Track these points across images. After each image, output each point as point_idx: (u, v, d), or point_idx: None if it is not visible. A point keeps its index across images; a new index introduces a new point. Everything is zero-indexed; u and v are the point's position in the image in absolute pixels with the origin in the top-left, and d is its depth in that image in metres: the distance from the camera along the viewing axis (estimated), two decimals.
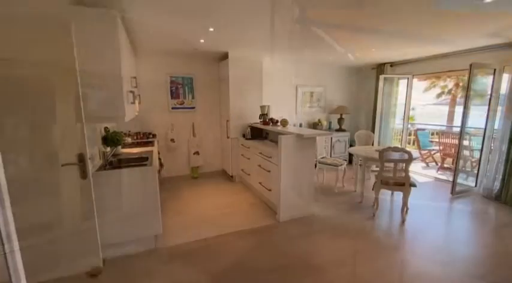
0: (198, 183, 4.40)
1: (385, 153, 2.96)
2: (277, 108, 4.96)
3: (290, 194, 2.94)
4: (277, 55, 4.39)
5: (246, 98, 4.22)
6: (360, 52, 4.14)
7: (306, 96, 5.48)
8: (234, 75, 4.04)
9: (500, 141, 3.57)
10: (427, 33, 3.10)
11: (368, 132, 4.59)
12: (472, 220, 3.09)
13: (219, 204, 3.49)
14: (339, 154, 5.53)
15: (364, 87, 5.89)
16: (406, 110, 5.16)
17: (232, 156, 4.29)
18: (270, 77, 4.89)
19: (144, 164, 2.43)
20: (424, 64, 4.65)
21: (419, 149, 6.25)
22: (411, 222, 2.97)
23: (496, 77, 3.68)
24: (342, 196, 3.76)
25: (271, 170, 3.12)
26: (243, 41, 3.40)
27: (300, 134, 2.78)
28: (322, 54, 4.29)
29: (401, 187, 2.96)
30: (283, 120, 3.54)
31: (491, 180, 3.69)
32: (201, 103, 4.55)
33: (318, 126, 5.38)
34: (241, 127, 4.26)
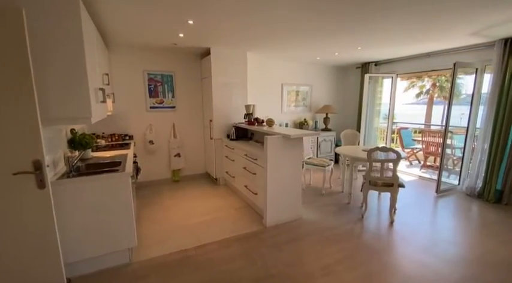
0: (179, 187, 4.15)
1: (373, 153, 2.88)
2: (263, 108, 4.80)
3: (277, 198, 2.79)
4: (262, 52, 4.23)
5: (230, 96, 4.03)
6: (346, 50, 4.06)
7: (292, 95, 5.37)
8: (217, 73, 3.83)
9: (482, 139, 3.62)
10: (412, 32, 3.06)
11: (354, 132, 4.54)
12: (459, 219, 3.08)
13: (202, 209, 3.28)
14: (325, 154, 5.47)
15: (349, 86, 5.87)
16: (390, 108, 5.17)
17: (216, 158, 4.08)
18: (255, 75, 4.72)
19: (115, 170, 2.18)
20: (408, 63, 4.67)
21: (402, 148, 6.34)
22: (399, 222, 2.91)
23: (478, 76, 3.73)
24: (329, 198, 3.67)
25: (257, 173, 2.95)
26: (226, 36, 3.21)
27: (287, 134, 2.64)
28: (308, 52, 4.19)
29: (389, 188, 2.90)
30: (269, 120, 3.39)
31: (474, 179, 3.74)
32: (183, 102, 4.30)
33: (304, 125, 5.28)
34: (225, 127, 4.06)
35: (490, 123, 3.52)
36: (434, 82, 15.87)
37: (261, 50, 4.02)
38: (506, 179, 3.42)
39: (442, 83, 15.47)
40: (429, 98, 16.51)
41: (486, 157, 3.58)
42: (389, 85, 5.18)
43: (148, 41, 3.42)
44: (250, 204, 3.31)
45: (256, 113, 4.14)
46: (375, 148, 2.85)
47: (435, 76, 11.89)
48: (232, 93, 4.04)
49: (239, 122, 4.05)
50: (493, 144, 3.48)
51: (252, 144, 3.50)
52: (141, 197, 3.68)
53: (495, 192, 3.49)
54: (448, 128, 3.70)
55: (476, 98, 3.78)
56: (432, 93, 16.23)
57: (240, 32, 3.05)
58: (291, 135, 2.59)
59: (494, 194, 3.49)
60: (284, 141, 2.72)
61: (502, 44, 3.31)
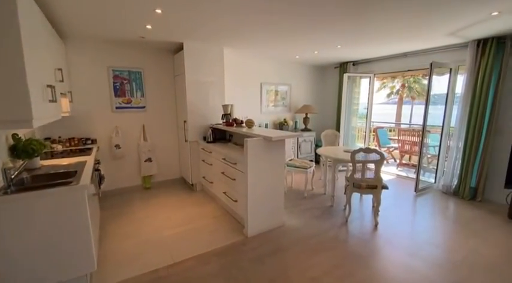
0: (151, 194, 3.79)
1: (356, 155, 2.78)
2: (242, 108, 4.58)
3: (259, 205, 2.58)
4: (240, 49, 4.00)
5: (206, 95, 3.75)
6: (325, 48, 3.96)
7: (271, 94, 5.20)
8: (190, 70, 3.53)
9: (457, 138, 3.70)
10: (391, 31, 3.02)
11: (334, 132, 4.48)
12: (439, 219, 3.08)
13: (177, 219, 2.98)
14: (306, 155, 5.37)
15: (327, 86, 5.84)
16: (369, 108, 5.20)
17: (191, 162, 3.78)
18: (234, 73, 4.48)
19: (68, 182, 1.84)
20: (385, 63, 4.71)
21: (379, 147, 6.45)
22: (384, 225, 2.85)
23: (452, 76, 3.81)
24: (312, 201, 3.54)
25: (237, 178, 2.72)
26: (199, 30, 2.94)
27: (268, 137, 2.44)
28: (287, 49, 4.03)
29: (373, 190, 2.82)
30: (249, 121, 3.17)
31: (449, 177, 3.82)
32: (153, 101, 3.94)
33: (284, 126, 5.14)
34: (201, 129, 3.77)
35: (464, 122, 3.60)
36: (404, 83, 16.71)
37: (238, 46, 3.78)
38: (479, 177, 3.51)
39: (410, 84, 16.33)
40: (399, 98, 17.34)
41: (461, 156, 3.66)
42: (366, 85, 5.21)
43: (111, 33, 3.04)
44: (230, 212, 3.07)
45: (234, 113, 3.91)
46: (358, 150, 2.75)
47: (408, 76, 12.36)
48: (208, 92, 3.76)
49: (216, 123, 3.79)
50: (467, 142, 3.56)
51: (230, 147, 3.26)
52: (107, 208, 3.29)
53: (470, 190, 3.58)
54: (426, 127, 3.74)
55: (450, 98, 3.87)
56: (401, 93, 17.08)
57: (215, 25, 2.80)
58: (273, 137, 2.40)
59: (469, 191, 3.58)
60: (265, 143, 2.52)
61: (475, 45, 3.39)
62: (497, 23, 2.74)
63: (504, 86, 3.25)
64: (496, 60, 3.25)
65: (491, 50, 3.24)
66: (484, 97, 3.36)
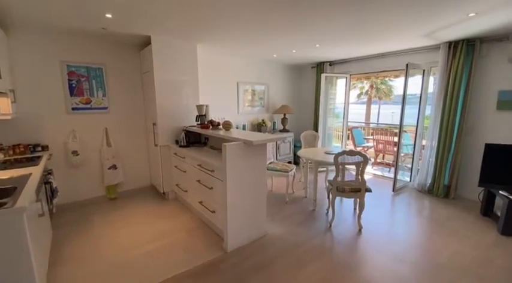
0: (116, 206, 3.38)
1: (339, 158, 2.67)
2: (218, 108, 4.30)
3: (240, 215, 2.36)
4: (214, 46, 3.73)
5: (178, 95, 3.42)
6: (304, 46, 3.84)
7: (248, 94, 4.99)
8: (159, 67, 3.19)
9: (431, 137, 3.79)
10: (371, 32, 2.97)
11: (313, 133, 4.39)
12: (418, 219, 3.10)
13: (146, 235, 2.64)
14: (284, 156, 5.25)
15: (305, 86, 5.78)
16: (345, 108, 5.21)
17: (162, 168, 3.43)
18: (209, 72, 4.19)
19: (1, 204, 1.46)
20: (361, 64, 4.73)
21: (354, 146, 6.56)
22: (367, 229, 2.77)
23: (425, 77, 3.90)
24: (293, 205, 3.39)
25: (215, 187, 2.46)
26: (168, 22, 2.63)
27: (249, 140, 2.22)
28: (264, 48, 3.84)
29: (357, 193, 2.73)
30: (226, 123, 2.92)
31: (424, 175, 3.91)
32: (118, 102, 3.52)
33: (262, 127, 4.96)
34: (173, 131, 3.44)
35: (437, 121, 3.70)
36: (372, 84, 17.52)
37: (213, 42, 3.51)
38: (452, 175, 3.62)
39: (378, 85, 17.18)
40: (368, 98, 18.15)
41: (434, 154, 3.76)
42: (342, 85, 5.22)
43: (63, 21, 2.61)
44: (207, 223, 2.80)
45: (210, 115, 3.63)
46: (341, 153, 2.64)
47: (381, 77, 12.87)
48: (181, 92, 3.44)
49: (190, 125, 3.48)
50: (440, 141, 3.66)
51: (206, 152, 2.99)
52: (63, 226, 2.84)
53: (443, 187, 3.68)
54: (403, 127, 3.78)
55: (423, 98, 3.96)
56: (370, 94, 17.89)
57: (185, 18, 2.51)
58: (254, 141, 2.18)
59: (442, 189, 3.68)
60: (245, 148, 2.30)
61: (447, 47, 3.48)
62: (468, 26, 2.80)
63: (474, 87, 3.37)
64: (466, 62, 3.36)
65: (462, 52, 3.34)
66: (455, 97, 3.46)
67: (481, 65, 3.34)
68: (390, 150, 5.70)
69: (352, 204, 3.38)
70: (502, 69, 3.19)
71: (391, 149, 5.65)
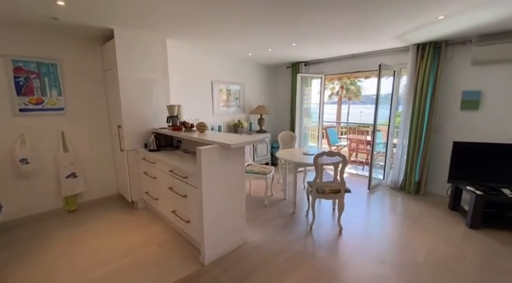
0: (77, 219, 3.01)
1: (319, 159, 2.61)
2: (191, 109, 4.07)
3: (217, 224, 2.18)
4: (186, 41, 3.49)
5: (146, 95, 3.14)
6: (280, 45, 3.76)
7: (223, 94, 4.80)
8: (124, 64, 2.90)
9: (402, 136, 3.92)
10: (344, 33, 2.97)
11: (290, 133, 4.34)
12: (393, 216, 3.16)
13: (111, 252, 2.35)
14: (262, 157, 5.15)
15: (280, 86, 5.73)
16: (320, 108, 5.25)
17: (130, 175, 3.13)
18: (180, 69, 3.94)
19: None
20: (335, 64, 4.78)
21: (329, 146, 6.67)
22: (347, 230, 2.75)
23: (396, 78, 4.03)
24: (273, 208, 3.28)
25: (189, 195, 2.26)
26: (133, 13, 2.37)
27: (226, 144, 2.06)
28: (240, 45, 3.69)
29: (337, 194, 2.70)
30: (200, 125, 2.73)
31: (396, 173, 4.04)
32: (76, 102, 3.15)
33: (238, 127, 4.80)
34: (141, 134, 3.15)
35: (407, 121, 3.83)
36: (342, 85, 18.22)
37: (184, 38, 3.28)
38: (422, 172, 3.77)
39: (347, 86, 17.90)
40: (339, 99, 18.84)
41: (406, 152, 3.89)
42: (317, 85, 5.26)
43: (4, 9, 2.23)
44: (181, 234, 2.59)
45: (183, 115, 3.40)
46: (321, 153, 2.59)
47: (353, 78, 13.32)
48: (149, 91, 3.16)
49: (160, 127, 3.22)
50: (411, 140, 3.80)
51: (179, 156, 2.76)
52: (10, 245, 2.44)
53: (414, 184, 3.82)
54: (377, 126, 3.86)
55: (395, 98, 4.09)
56: (341, 94, 18.59)
57: (151, 8, 2.28)
58: (231, 144, 2.03)
59: (414, 186, 3.82)
60: (222, 151, 2.13)
61: (415, 49, 3.61)
62: (436, 29, 2.91)
63: (440, 88, 3.53)
64: (433, 64, 3.51)
65: (429, 54, 3.49)
66: (424, 97, 3.60)
67: (447, 67, 3.51)
68: (363, 148, 5.87)
69: (331, 204, 3.37)
70: (465, 71, 3.38)
71: (364, 148, 5.82)
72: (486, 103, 3.28)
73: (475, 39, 3.23)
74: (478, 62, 3.22)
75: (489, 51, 3.07)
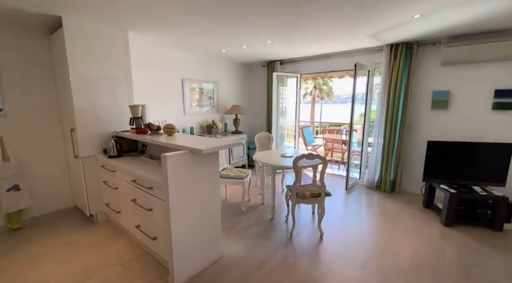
0: (22, 239, 2.55)
1: (299, 162, 2.47)
2: (160, 109, 3.74)
3: (188, 240, 1.93)
4: (152, 35, 3.16)
5: (104, 94, 2.77)
6: (255, 43, 3.57)
7: (195, 93, 4.51)
8: (76, 57, 2.51)
9: (377, 135, 3.94)
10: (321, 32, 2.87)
11: (267, 134, 4.18)
12: (372, 217, 3.12)
13: (66, 276, 1.99)
14: (238, 159, 4.93)
15: (256, 85, 5.55)
16: (297, 108, 5.16)
17: (87, 185, 2.74)
18: (146, 65, 3.58)
19: None
20: (311, 63, 4.71)
21: (305, 145, 6.65)
22: (327, 233, 2.65)
23: (370, 78, 4.04)
24: (251, 215, 3.09)
25: (155, 208, 1.98)
26: None
27: (197, 149, 1.82)
28: (212, 40, 3.44)
29: (317, 198, 2.57)
30: (168, 127, 2.44)
31: (372, 172, 4.06)
32: (18, 102, 2.68)
33: (212, 128, 4.53)
34: (99, 138, 2.77)
35: (382, 120, 3.85)
36: (315, 85, 18.60)
37: (148, 30, 2.95)
38: (396, 170, 3.82)
39: (320, 86, 18.32)
40: (312, 98, 19.22)
41: (381, 151, 3.92)
42: (292, 84, 5.17)
43: None
44: (148, 251, 2.29)
45: (150, 116, 3.07)
46: (301, 156, 2.44)
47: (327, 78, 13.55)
48: (109, 90, 2.79)
49: (122, 130, 2.87)
50: (386, 139, 3.83)
51: (144, 163, 2.45)
52: None
53: (390, 183, 3.86)
54: (353, 125, 3.84)
55: (369, 98, 4.11)
56: (314, 94, 18.97)
57: None
58: (203, 149, 1.79)
59: (389, 185, 3.86)
60: (193, 157, 1.88)
61: (389, 49, 3.63)
62: (408, 29, 2.92)
63: (412, 87, 3.59)
64: (405, 64, 3.55)
65: (402, 54, 3.52)
66: (397, 97, 3.64)
67: (418, 67, 3.57)
68: (338, 148, 5.91)
69: (310, 208, 3.26)
70: (435, 71, 3.46)
71: (339, 147, 5.86)
72: (454, 103, 3.39)
73: (445, 40, 3.31)
74: (447, 62, 3.30)
75: (457, 52, 3.15)
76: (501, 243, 2.48)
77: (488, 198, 2.72)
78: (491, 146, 2.88)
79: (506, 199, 2.64)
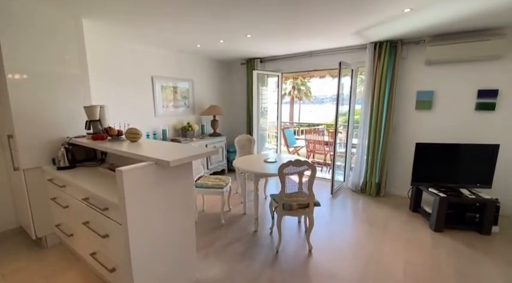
0: None
1: (285, 170, 2.20)
2: (126, 110, 3.30)
3: (154, 269, 1.58)
4: (110, 24, 2.73)
5: (53, 93, 2.30)
6: (233, 37, 3.27)
7: (168, 92, 4.10)
8: (15, 49, 2.04)
9: (362, 136, 3.80)
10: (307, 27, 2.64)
11: (249, 137, 3.88)
12: (362, 225, 2.95)
13: None
14: (217, 164, 4.58)
15: (235, 84, 5.23)
16: (279, 108, 4.93)
17: (32, 202, 2.26)
18: (108, 60, 3.13)
19: None
20: (292, 62, 4.48)
21: (287, 147, 6.45)
22: (317, 248, 2.41)
23: (354, 77, 3.90)
24: (231, 228, 2.78)
25: (112, 234, 1.61)
26: None
27: (163, 160, 1.47)
28: (185, 35, 3.07)
29: (306, 209, 2.32)
30: (131, 131, 2.06)
31: (357, 174, 3.91)
32: None
33: (188, 131, 4.15)
34: (48, 146, 2.30)
35: (367, 120, 3.72)
36: (294, 85, 18.64)
37: (108, 18, 2.53)
38: (381, 172, 3.70)
39: (299, 86, 18.40)
40: (291, 99, 19.25)
41: (366, 153, 3.78)
42: (273, 84, 4.93)
43: None
44: (105, 282, 1.89)
45: (111, 119, 2.64)
46: (287, 163, 2.18)
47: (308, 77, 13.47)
48: (59, 88, 2.33)
49: (77, 135, 2.42)
50: (370, 140, 3.70)
51: (101, 175, 2.05)
52: None
53: (375, 186, 3.73)
54: (338, 127, 3.66)
55: (353, 98, 3.97)
56: (293, 94, 19.02)
57: None
58: (171, 161, 1.45)
59: (375, 188, 3.73)
60: (159, 170, 1.54)
61: (373, 47, 3.50)
62: (393, 26, 2.80)
63: (397, 87, 3.48)
64: (389, 63, 3.43)
65: (386, 53, 3.40)
66: (382, 97, 3.52)
67: (402, 66, 3.47)
68: (320, 149, 5.77)
69: (296, 218, 3.01)
70: (419, 70, 3.38)
71: (322, 148, 5.72)
72: (438, 103, 3.32)
73: (429, 39, 3.23)
74: (431, 61, 3.22)
75: (441, 51, 3.07)
76: (492, 249, 2.39)
77: (477, 201, 2.64)
78: (477, 148, 2.82)
79: (495, 202, 2.58)
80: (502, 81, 2.93)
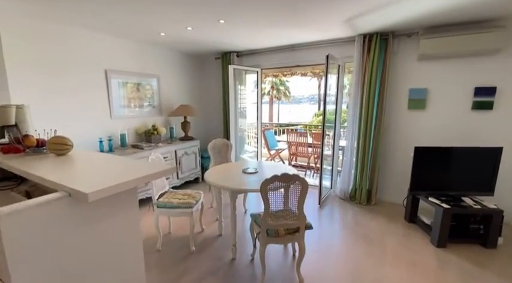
0: None
1: (268, 187, 1.73)
2: (70, 111, 2.63)
3: None
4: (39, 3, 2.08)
5: None
6: (203, 22, 2.74)
7: (129, 89, 3.46)
8: None
9: (351, 138, 3.44)
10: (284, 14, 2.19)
11: (225, 141, 3.36)
12: (357, 242, 2.57)
13: None
14: (189, 172, 4.00)
15: (209, 81, 4.68)
16: (259, 108, 4.46)
17: None
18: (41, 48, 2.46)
19: None
20: (272, 56, 4.03)
21: (268, 150, 6.00)
22: (308, 277, 1.97)
23: (340, 74, 3.53)
24: (204, 256, 2.25)
25: None
26: None
27: (79, 191, 0.92)
28: (142, 18, 2.49)
29: (295, 235, 1.86)
30: (55, 141, 1.46)
31: (346, 180, 3.55)
32: None
33: (153, 135, 3.53)
34: None
35: (355, 121, 3.37)
36: (273, 85, 18.35)
37: None
38: (372, 178, 3.37)
39: (278, 86, 18.14)
40: (270, 99, 18.95)
41: (355, 157, 3.43)
42: (251, 81, 4.46)
43: None
44: None
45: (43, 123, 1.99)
46: (272, 178, 1.70)
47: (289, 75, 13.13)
48: None
49: None
50: (360, 142, 3.35)
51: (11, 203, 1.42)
52: None
53: (366, 193, 3.39)
54: (325, 127, 3.26)
55: (339, 96, 3.60)
56: (272, 94, 18.72)
57: None
58: (89, 193, 0.91)
59: (365, 195, 3.38)
60: (75, 205, 0.98)
61: (361, 40, 3.14)
62: (383, 15, 2.45)
63: (388, 85, 3.15)
64: (380, 57, 3.10)
65: (376, 47, 3.06)
66: (372, 95, 3.18)
67: (394, 62, 3.16)
68: (304, 151, 5.40)
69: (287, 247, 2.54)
70: (412, 67, 3.08)
71: (305, 151, 5.35)
72: (432, 102, 3.04)
73: (422, 31, 2.93)
74: (424, 56, 2.93)
75: (436, 44, 2.78)
76: (501, 265, 2.11)
77: (483, 211, 2.35)
78: (479, 151, 2.54)
79: (501, 212, 2.30)
80: (501, 77, 2.69)
